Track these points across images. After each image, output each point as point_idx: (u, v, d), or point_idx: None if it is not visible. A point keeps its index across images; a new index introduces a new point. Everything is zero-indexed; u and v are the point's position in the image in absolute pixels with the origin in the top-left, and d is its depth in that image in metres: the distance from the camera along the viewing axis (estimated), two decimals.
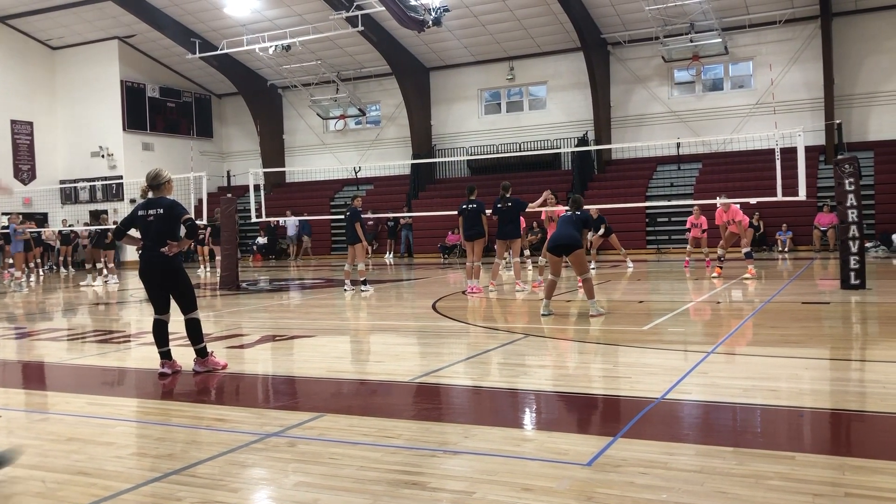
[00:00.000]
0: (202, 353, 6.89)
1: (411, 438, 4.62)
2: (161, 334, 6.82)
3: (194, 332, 6.83)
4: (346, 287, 14.52)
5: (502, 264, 14.43)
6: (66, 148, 31.59)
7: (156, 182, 6.78)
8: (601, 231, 18.15)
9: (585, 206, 18.14)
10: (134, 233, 7.00)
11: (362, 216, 14.72)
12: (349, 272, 14.67)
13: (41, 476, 4.12)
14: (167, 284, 6.80)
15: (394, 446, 4.45)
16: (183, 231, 6.78)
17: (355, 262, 14.47)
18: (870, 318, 9.54)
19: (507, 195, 13.40)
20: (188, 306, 6.85)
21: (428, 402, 5.79)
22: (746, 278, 14.26)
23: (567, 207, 10.62)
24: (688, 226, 17.85)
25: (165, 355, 6.84)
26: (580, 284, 9.99)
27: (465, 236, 13.66)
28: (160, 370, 6.80)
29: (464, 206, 13.54)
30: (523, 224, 16.50)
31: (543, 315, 9.78)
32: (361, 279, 14.40)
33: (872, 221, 21.88)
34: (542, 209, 14.17)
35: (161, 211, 6.68)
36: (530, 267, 17.76)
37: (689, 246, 17.88)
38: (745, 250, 14.82)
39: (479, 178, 28.15)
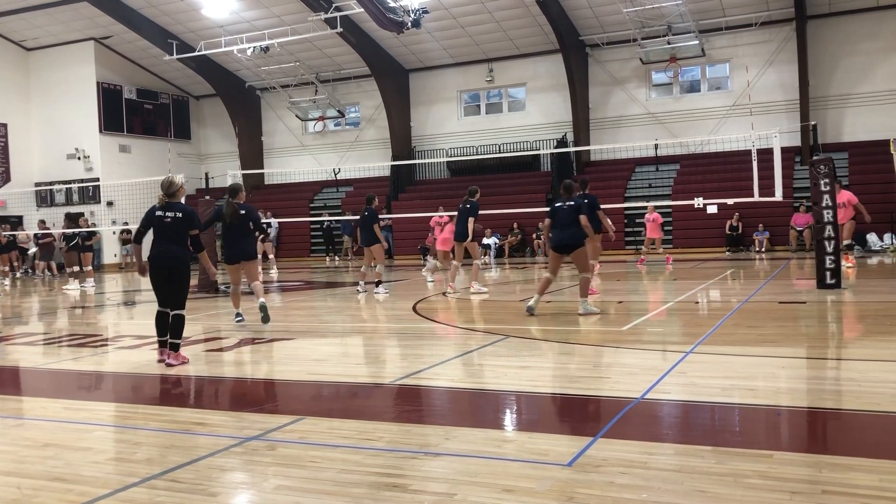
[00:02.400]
0: (176, 348, 7.43)
1: (392, 441, 4.61)
2: (163, 325, 7.46)
3: (179, 327, 7.42)
4: (378, 290, 14.07)
5: (479, 264, 14.47)
6: (42, 150, 31.19)
7: (171, 189, 7.56)
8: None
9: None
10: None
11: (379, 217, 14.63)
12: (379, 273, 14.40)
13: (17, 482, 4.06)
14: (173, 278, 7.43)
15: (375, 449, 4.44)
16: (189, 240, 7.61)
17: (373, 262, 14.44)
18: (845, 317, 9.66)
19: (471, 199, 13.45)
20: (179, 303, 7.47)
21: (409, 404, 5.78)
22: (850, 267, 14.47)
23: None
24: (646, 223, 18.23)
25: (164, 344, 7.45)
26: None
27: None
28: (159, 357, 7.46)
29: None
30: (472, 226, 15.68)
31: (528, 307, 9.82)
32: (376, 280, 14.28)
33: None
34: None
35: (180, 215, 7.46)
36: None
37: (644, 247, 18.23)
38: (845, 242, 14.72)
39: (459, 179, 28.19)
